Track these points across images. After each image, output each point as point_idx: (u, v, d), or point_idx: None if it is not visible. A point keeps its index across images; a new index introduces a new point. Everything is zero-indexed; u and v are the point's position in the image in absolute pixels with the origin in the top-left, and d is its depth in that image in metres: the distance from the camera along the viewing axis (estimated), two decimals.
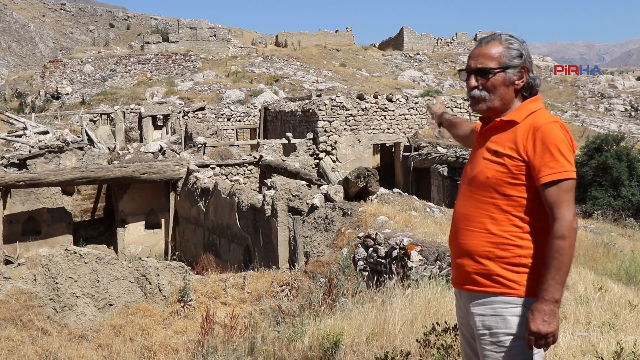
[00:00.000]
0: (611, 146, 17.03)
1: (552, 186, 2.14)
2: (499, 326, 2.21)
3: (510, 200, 2.22)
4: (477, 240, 2.27)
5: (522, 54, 2.30)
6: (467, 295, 2.32)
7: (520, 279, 2.20)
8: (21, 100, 39.42)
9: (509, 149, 2.23)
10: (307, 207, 9.22)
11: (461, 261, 2.32)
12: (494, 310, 2.22)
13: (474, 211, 2.29)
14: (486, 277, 2.24)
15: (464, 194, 2.36)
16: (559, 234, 2.12)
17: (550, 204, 2.15)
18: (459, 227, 2.35)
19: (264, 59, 46.00)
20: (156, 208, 16.81)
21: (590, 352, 3.46)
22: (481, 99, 2.32)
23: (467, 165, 2.44)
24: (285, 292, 7.24)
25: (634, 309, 4.64)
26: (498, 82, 2.29)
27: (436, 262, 6.06)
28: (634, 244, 10.46)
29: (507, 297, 2.20)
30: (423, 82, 44.94)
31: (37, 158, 17.49)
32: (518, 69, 2.29)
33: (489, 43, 2.32)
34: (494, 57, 2.29)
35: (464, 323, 2.42)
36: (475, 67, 2.31)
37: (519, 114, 2.29)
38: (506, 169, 2.22)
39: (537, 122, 2.22)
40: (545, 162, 2.15)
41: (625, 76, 46.78)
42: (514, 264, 2.21)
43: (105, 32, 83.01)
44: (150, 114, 26.61)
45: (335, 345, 3.92)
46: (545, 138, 2.17)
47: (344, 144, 20.39)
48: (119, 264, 7.78)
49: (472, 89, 2.32)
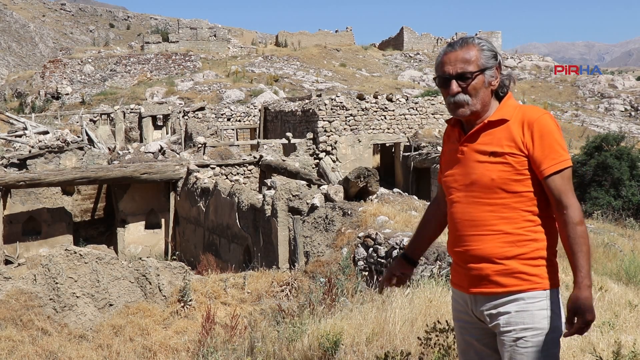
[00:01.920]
0: (611, 146, 17.00)
1: (555, 175, 2.19)
2: (525, 322, 2.21)
3: (519, 197, 2.24)
4: (492, 243, 2.26)
5: (496, 54, 2.33)
6: (484, 299, 2.29)
7: (540, 272, 2.23)
8: (21, 100, 39.43)
9: (507, 147, 2.24)
10: (307, 207, 9.22)
11: (476, 266, 2.29)
12: (519, 307, 2.22)
13: (481, 215, 2.28)
14: (509, 275, 2.24)
15: (462, 200, 2.34)
16: (577, 220, 2.18)
17: (557, 194, 2.20)
18: (466, 234, 2.32)
19: (264, 59, 46.01)
20: (156, 208, 16.81)
21: (589, 352, 3.46)
22: (465, 103, 2.30)
23: (449, 172, 2.40)
24: (285, 292, 7.24)
25: (634, 309, 4.64)
26: (479, 85, 2.29)
27: (436, 262, 6.07)
28: (634, 244, 10.46)
29: (532, 292, 2.22)
30: (423, 82, 44.95)
31: (37, 158, 17.49)
32: (494, 69, 2.32)
33: (463, 47, 2.31)
34: (471, 60, 2.29)
35: (469, 326, 2.40)
36: (455, 73, 2.30)
37: (504, 111, 2.31)
38: (511, 167, 2.23)
39: (530, 116, 2.25)
40: (546, 154, 2.20)
41: (625, 76, 46.79)
42: (533, 258, 2.23)
43: (105, 32, 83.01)
44: (150, 114, 26.61)
45: (335, 345, 3.92)
46: (542, 131, 2.21)
47: (344, 144, 20.38)
48: (119, 264, 7.78)
49: (455, 94, 2.30)
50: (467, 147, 2.35)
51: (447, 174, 2.42)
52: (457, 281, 2.42)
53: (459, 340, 2.49)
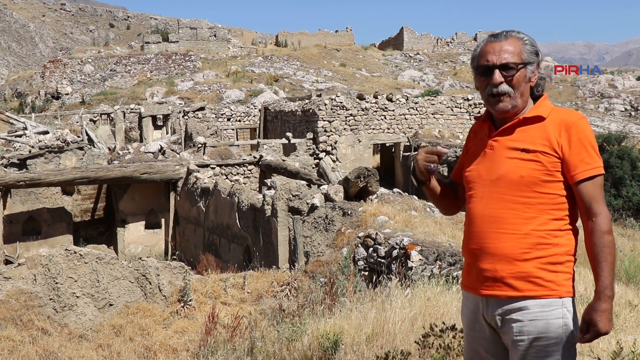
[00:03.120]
0: (613, 145, 17.02)
1: (588, 181, 2.14)
2: (539, 331, 2.13)
3: (546, 198, 2.17)
4: (510, 242, 2.17)
5: (537, 51, 2.27)
6: (496, 302, 2.20)
7: (557, 279, 2.15)
8: (21, 100, 39.42)
9: (541, 146, 2.17)
10: (307, 207, 9.22)
11: (490, 267, 2.20)
12: (533, 315, 2.14)
13: (503, 212, 2.20)
14: (524, 280, 2.15)
15: (485, 196, 2.25)
16: (606, 229, 2.11)
17: (587, 200, 2.14)
18: (484, 230, 2.23)
19: (264, 58, 45.99)
20: (156, 208, 16.81)
21: (588, 352, 3.45)
22: (508, 95, 2.22)
23: (473, 167, 2.32)
24: (285, 292, 7.24)
25: (634, 309, 4.63)
26: (521, 79, 2.23)
27: (436, 262, 6.07)
28: (634, 244, 10.46)
29: (546, 299, 2.14)
30: (423, 82, 44.94)
31: (37, 158, 17.49)
32: (534, 65, 2.26)
33: (507, 39, 2.24)
34: (515, 52, 2.22)
35: (477, 334, 2.31)
36: (500, 63, 2.21)
37: (541, 110, 2.25)
38: (542, 165, 2.16)
39: (569, 119, 2.19)
40: (581, 158, 2.14)
41: (625, 76, 46.76)
42: (552, 263, 2.15)
43: (105, 32, 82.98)
44: (150, 114, 26.60)
45: (335, 345, 3.92)
46: (579, 134, 2.15)
47: (344, 144, 20.38)
48: (119, 264, 7.78)
49: (499, 84, 2.22)
50: (498, 142, 2.27)
51: (470, 169, 2.33)
52: (468, 283, 2.32)
53: (466, 348, 2.41)
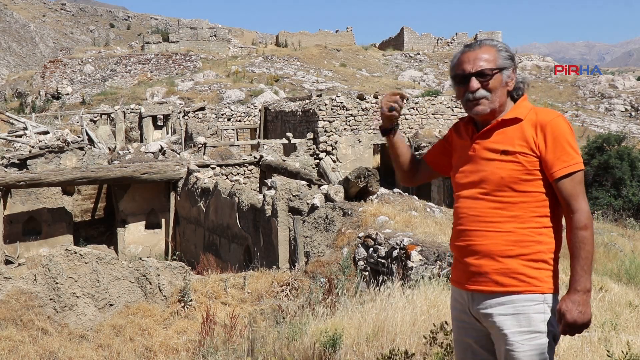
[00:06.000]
0: (613, 146, 17.02)
1: (566, 179, 2.20)
2: (521, 324, 2.21)
3: (528, 197, 2.25)
4: (495, 240, 2.26)
5: (512, 56, 2.37)
6: (481, 297, 2.29)
7: (541, 275, 2.23)
8: (21, 100, 39.42)
9: (519, 147, 2.26)
10: (307, 207, 9.21)
11: (476, 262, 2.29)
12: (515, 309, 2.22)
13: (487, 212, 2.29)
14: (507, 275, 2.23)
15: (470, 196, 2.35)
16: (581, 225, 2.19)
17: (566, 197, 2.21)
18: (470, 229, 2.32)
19: (264, 59, 45.98)
20: (156, 208, 16.80)
21: (588, 352, 3.46)
22: (485, 99, 2.32)
23: (461, 170, 2.41)
24: (285, 292, 7.24)
25: (634, 309, 4.63)
26: (497, 83, 2.33)
27: (436, 262, 6.06)
28: (634, 244, 10.46)
29: (529, 294, 2.22)
30: (423, 82, 44.94)
31: (37, 158, 17.49)
32: (510, 70, 2.35)
33: (481, 47, 2.37)
34: (490, 59, 2.33)
35: (467, 326, 2.40)
36: (475, 70, 2.33)
37: (518, 111, 2.33)
38: (521, 166, 2.24)
39: (543, 118, 2.26)
40: (558, 156, 2.21)
41: (625, 76, 46.75)
42: (535, 260, 2.23)
43: (106, 32, 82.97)
44: (151, 114, 26.60)
45: (336, 345, 3.92)
46: (555, 132, 2.22)
47: (344, 144, 20.38)
48: (119, 264, 7.78)
49: (475, 90, 2.33)
50: (479, 144, 2.36)
51: (459, 171, 2.43)
52: (456, 278, 2.42)
53: (456, 340, 2.50)
